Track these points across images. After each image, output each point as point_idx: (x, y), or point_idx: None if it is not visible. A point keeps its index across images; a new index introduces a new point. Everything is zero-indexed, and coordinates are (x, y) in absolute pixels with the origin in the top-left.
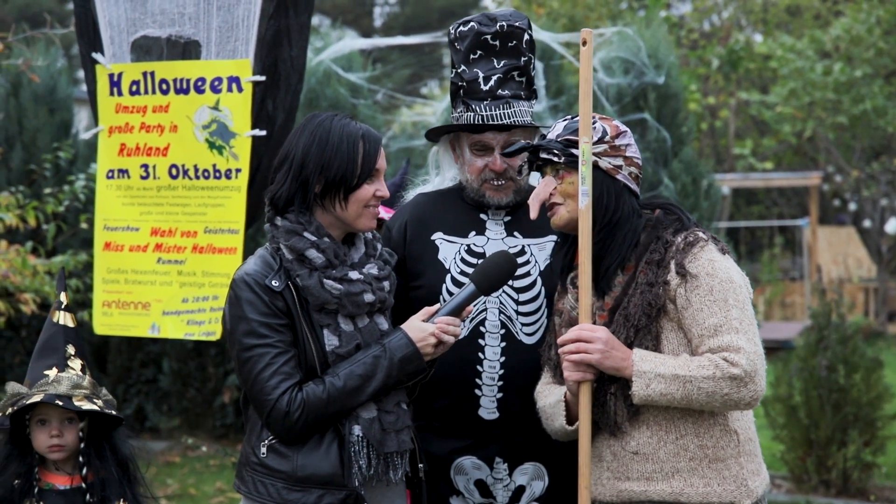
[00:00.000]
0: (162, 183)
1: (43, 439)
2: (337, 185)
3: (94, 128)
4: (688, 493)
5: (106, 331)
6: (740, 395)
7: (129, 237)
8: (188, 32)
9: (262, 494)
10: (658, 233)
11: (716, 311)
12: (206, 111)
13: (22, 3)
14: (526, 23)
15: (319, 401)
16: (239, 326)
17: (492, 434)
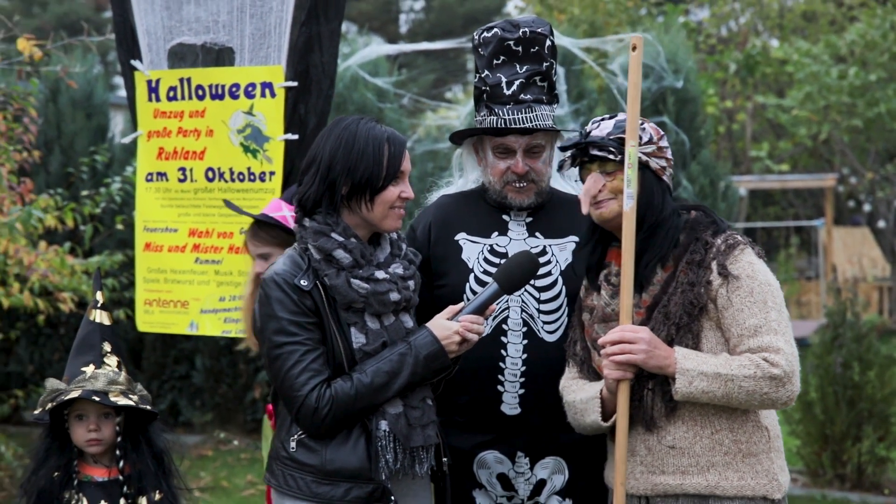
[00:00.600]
0: (199, 186)
1: (81, 433)
2: (363, 187)
3: (130, 132)
4: (723, 487)
5: (148, 328)
6: (778, 395)
7: (168, 238)
8: (222, 39)
9: (291, 488)
10: (697, 234)
11: (756, 312)
12: (241, 116)
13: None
14: (548, 29)
15: (347, 397)
16: (269, 325)
17: (514, 429)
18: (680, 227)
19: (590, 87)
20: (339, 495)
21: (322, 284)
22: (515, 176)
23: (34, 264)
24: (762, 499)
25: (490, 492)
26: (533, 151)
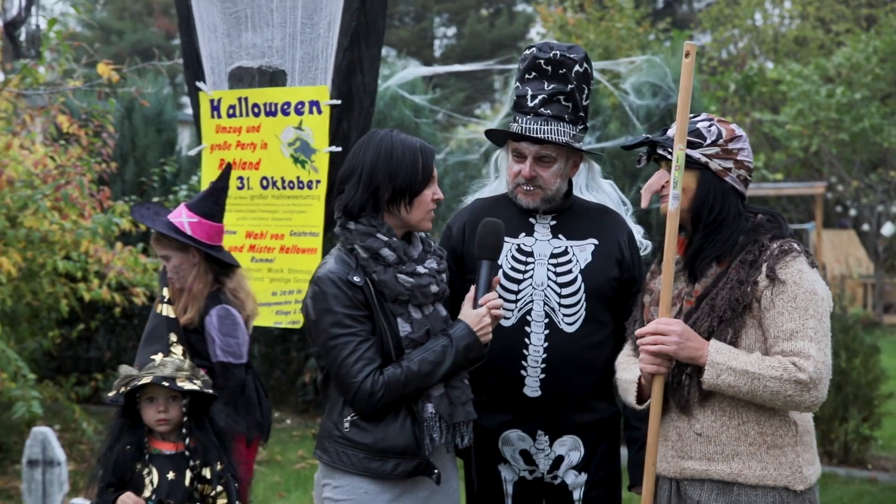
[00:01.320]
0: (254, 193)
1: (151, 414)
2: (403, 192)
3: (196, 146)
4: (745, 475)
5: None
6: (802, 399)
7: (228, 239)
8: (276, 63)
9: (345, 463)
10: (756, 236)
11: (795, 317)
12: (291, 131)
13: (135, 40)
14: (581, 56)
15: (398, 383)
16: (325, 318)
17: (535, 410)
18: (743, 228)
19: (604, 105)
20: (389, 469)
21: (370, 280)
22: (523, 179)
23: (111, 263)
24: (784, 489)
25: (513, 466)
26: (543, 160)
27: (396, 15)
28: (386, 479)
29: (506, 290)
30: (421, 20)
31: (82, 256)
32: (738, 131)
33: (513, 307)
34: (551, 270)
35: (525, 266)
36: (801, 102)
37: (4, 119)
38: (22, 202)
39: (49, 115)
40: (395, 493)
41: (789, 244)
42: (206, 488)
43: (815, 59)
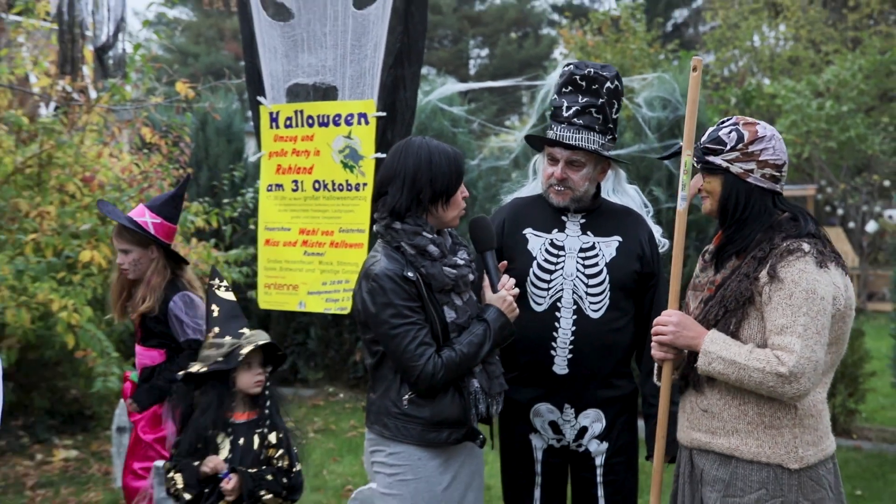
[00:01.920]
0: (308, 194)
1: (249, 378)
2: (441, 194)
3: (258, 153)
4: (741, 451)
5: (267, 306)
6: (783, 391)
7: (283, 235)
8: (328, 80)
9: (404, 435)
10: (772, 234)
11: (787, 314)
12: (341, 139)
13: (208, 62)
14: (612, 74)
15: (454, 363)
16: (386, 311)
17: (562, 386)
18: (763, 226)
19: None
20: (443, 438)
21: (420, 274)
22: (556, 180)
23: (188, 256)
24: (777, 466)
25: (543, 435)
26: (573, 164)
27: (436, 38)
28: (437, 447)
29: (538, 280)
30: (458, 42)
31: None
32: (763, 132)
33: (545, 295)
34: (580, 263)
35: (557, 259)
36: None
37: (96, 131)
38: (111, 197)
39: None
40: (443, 459)
41: (798, 244)
42: (272, 451)
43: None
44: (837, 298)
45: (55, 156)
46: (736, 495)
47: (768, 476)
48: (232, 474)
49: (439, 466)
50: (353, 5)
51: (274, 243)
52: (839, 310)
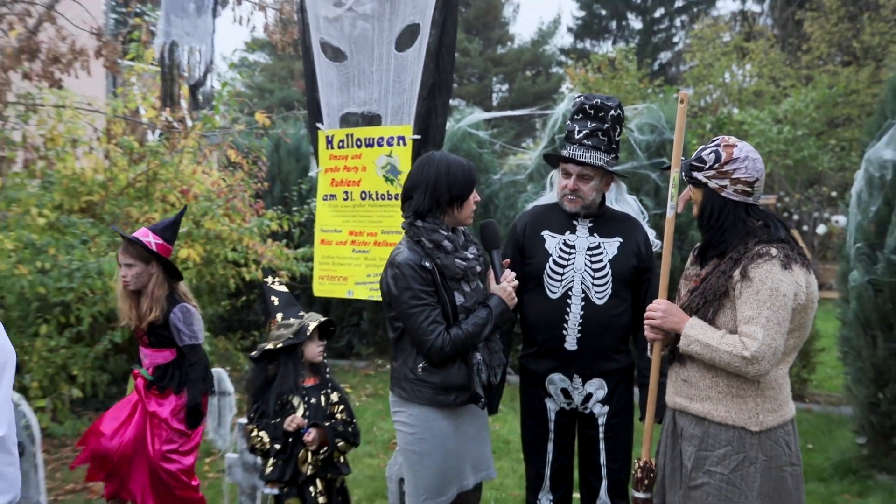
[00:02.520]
0: (356, 203)
1: (314, 349)
2: (457, 198)
3: (317, 170)
4: (713, 414)
5: (321, 294)
6: (746, 370)
7: (335, 236)
8: (374, 109)
9: (418, 397)
10: (746, 239)
11: (754, 307)
12: (384, 158)
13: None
14: (615, 104)
15: (460, 340)
16: (405, 293)
17: (572, 360)
18: (739, 232)
19: None
20: (451, 401)
21: (436, 264)
22: (568, 190)
23: (264, 253)
24: (741, 429)
25: (556, 400)
26: (583, 177)
27: (465, 75)
28: (446, 408)
29: (553, 273)
30: (483, 79)
31: (244, 248)
32: (738, 153)
33: (559, 285)
34: (588, 259)
35: (569, 256)
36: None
37: (191, 153)
38: (203, 210)
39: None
40: (452, 419)
41: (767, 249)
42: (334, 408)
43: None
44: (798, 294)
45: (159, 173)
46: (707, 450)
47: (734, 436)
48: (311, 428)
49: (449, 426)
50: (395, 48)
51: (328, 243)
52: (800, 303)
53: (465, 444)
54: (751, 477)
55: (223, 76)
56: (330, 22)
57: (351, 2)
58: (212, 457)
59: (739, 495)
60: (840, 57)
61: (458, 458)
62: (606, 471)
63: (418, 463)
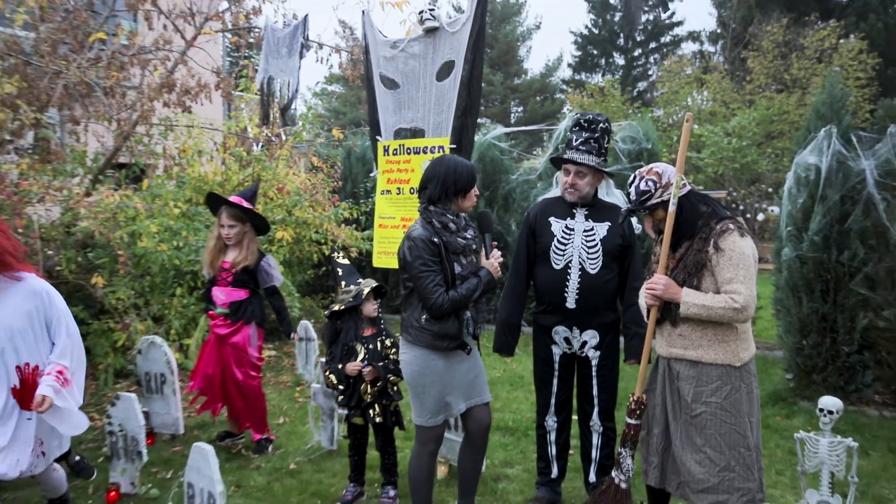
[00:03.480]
0: (405, 196)
1: (370, 307)
2: (461, 190)
3: (376, 172)
4: (705, 358)
5: (379, 265)
6: (738, 318)
7: (391, 222)
8: (420, 125)
9: (421, 341)
10: (708, 222)
11: (731, 270)
12: (427, 162)
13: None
14: (603, 118)
15: (455, 300)
16: (417, 261)
17: (572, 315)
18: (698, 221)
19: None
20: (445, 346)
21: (442, 240)
22: (568, 185)
23: (339, 235)
24: (728, 365)
25: (559, 346)
26: (580, 175)
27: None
28: (441, 352)
29: (557, 249)
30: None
31: (324, 231)
32: (659, 169)
33: (561, 259)
34: (584, 239)
35: (569, 236)
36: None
37: (285, 160)
38: (293, 202)
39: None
40: (445, 360)
41: (726, 225)
42: (388, 350)
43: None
44: (754, 254)
45: (262, 174)
46: (703, 385)
47: (722, 372)
48: (369, 366)
49: (444, 365)
50: (436, 79)
51: (385, 226)
52: (755, 262)
53: (457, 379)
54: (739, 401)
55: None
56: (387, 60)
57: (403, 44)
58: (301, 386)
59: (731, 416)
60: (775, 86)
61: (451, 389)
62: (598, 400)
63: (421, 392)
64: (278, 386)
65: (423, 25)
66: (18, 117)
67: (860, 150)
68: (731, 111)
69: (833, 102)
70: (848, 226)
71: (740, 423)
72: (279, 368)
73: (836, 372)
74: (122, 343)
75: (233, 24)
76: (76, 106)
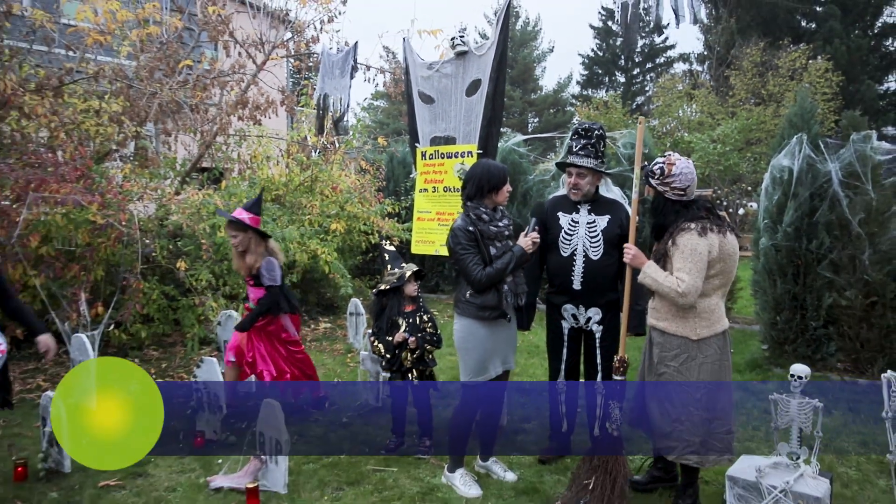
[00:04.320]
0: (440, 194)
1: (411, 287)
2: (493, 188)
3: (415, 173)
4: (668, 329)
5: (418, 252)
6: (679, 301)
7: (427, 215)
8: (452, 134)
9: (467, 313)
10: (677, 220)
11: (680, 261)
12: (458, 165)
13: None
14: (598, 126)
15: (492, 274)
16: (458, 246)
17: (578, 295)
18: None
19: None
20: (486, 315)
21: (478, 229)
22: (571, 185)
23: (383, 226)
24: (685, 337)
25: (568, 321)
26: (580, 176)
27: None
28: (484, 321)
29: (565, 239)
30: (522, 114)
31: (371, 223)
32: (676, 169)
33: (568, 247)
34: (587, 230)
35: (574, 228)
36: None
37: (338, 164)
38: (345, 199)
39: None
40: (487, 328)
41: (687, 224)
42: (425, 324)
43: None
44: (712, 251)
45: (319, 176)
46: (665, 351)
47: (681, 342)
48: (412, 337)
49: (486, 333)
50: (465, 95)
51: (422, 219)
52: (714, 256)
53: (496, 346)
54: (693, 369)
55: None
56: (424, 79)
57: (437, 66)
58: (352, 353)
59: (685, 379)
60: (753, 100)
61: (491, 353)
62: (601, 367)
63: (466, 355)
64: (333, 353)
65: (455, 49)
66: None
67: (827, 155)
68: (716, 121)
69: (804, 113)
70: (816, 219)
71: (692, 388)
72: (333, 338)
73: (804, 343)
74: (202, 316)
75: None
76: (168, 120)
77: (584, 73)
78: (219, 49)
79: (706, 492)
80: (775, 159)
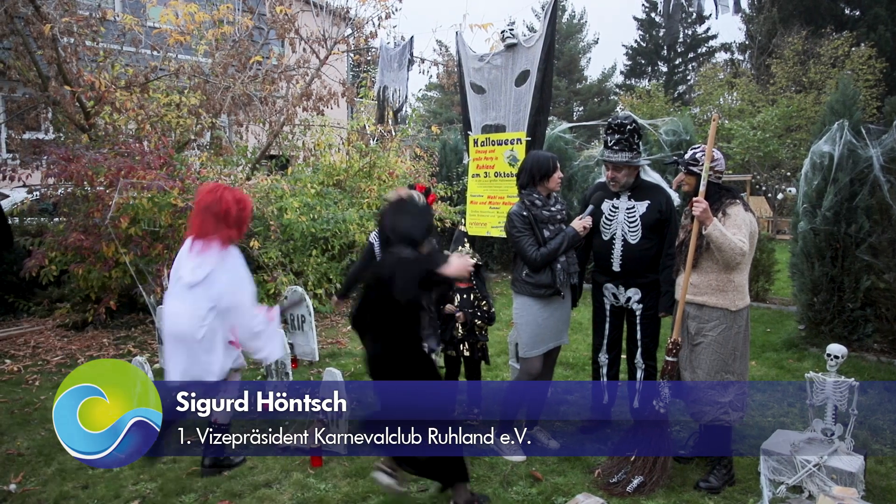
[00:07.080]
0: (491, 179)
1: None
2: (544, 176)
3: (467, 159)
4: (708, 302)
5: (472, 232)
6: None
7: (479, 199)
8: (501, 122)
9: (524, 292)
10: (721, 198)
11: (735, 227)
12: (508, 152)
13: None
14: (630, 120)
15: (545, 254)
16: (514, 229)
17: (618, 276)
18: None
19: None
20: (541, 293)
21: (532, 214)
22: (610, 178)
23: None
24: (725, 309)
25: (608, 299)
26: (617, 169)
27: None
28: (539, 298)
29: (605, 223)
30: (567, 103)
31: None
32: (717, 154)
33: (608, 231)
34: (626, 215)
35: (614, 213)
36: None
37: (395, 150)
38: (401, 184)
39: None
40: (542, 305)
41: (734, 201)
42: (480, 303)
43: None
44: (752, 226)
45: (377, 163)
46: (703, 323)
47: (721, 314)
48: (460, 312)
49: (541, 309)
50: (515, 85)
51: (475, 203)
52: (752, 231)
53: (551, 322)
54: (730, 337)
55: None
56: (476, 70)
57: (488, 58)
58: None
59: (721, 348)
60: (794, 87)
61: (545, 329)
62: (641, 343)
63: (523, 330)
64: None
65: (504, 42)
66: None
67: (868, 140)
68: (757, 109)
69: (845, 100)
70: (855, 203)
71: (726, 354)
72: None
73: (841, 324)
74: (273, 291)
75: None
76: (240, 112)
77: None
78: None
79: (741, 463)
80: (815, 145)
